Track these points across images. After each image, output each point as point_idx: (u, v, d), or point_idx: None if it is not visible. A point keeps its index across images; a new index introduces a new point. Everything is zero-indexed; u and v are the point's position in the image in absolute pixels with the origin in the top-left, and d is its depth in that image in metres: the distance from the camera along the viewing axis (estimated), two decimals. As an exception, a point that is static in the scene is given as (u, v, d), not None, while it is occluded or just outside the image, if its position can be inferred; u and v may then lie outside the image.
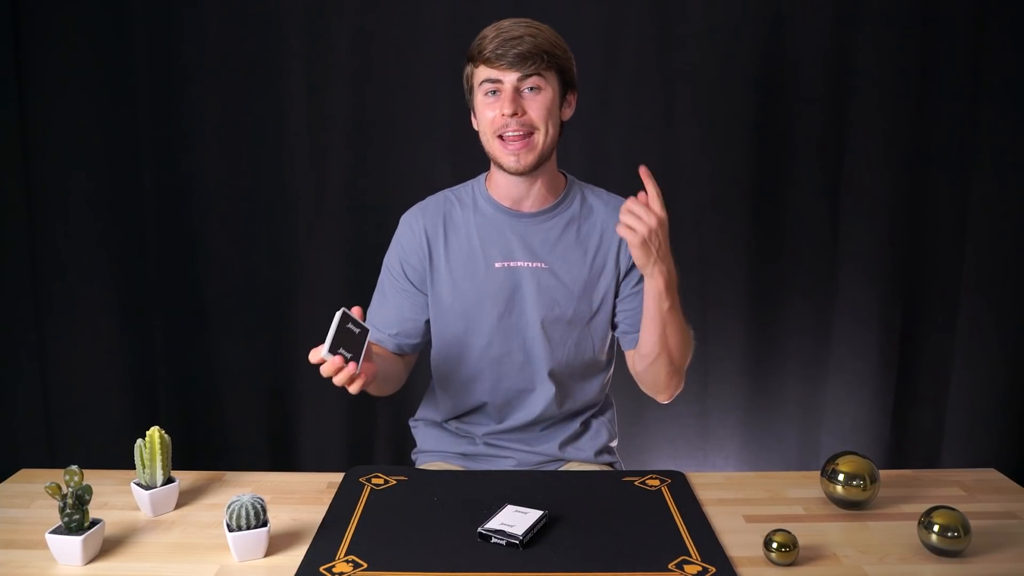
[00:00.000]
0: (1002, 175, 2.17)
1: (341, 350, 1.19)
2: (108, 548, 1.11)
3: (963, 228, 2.20)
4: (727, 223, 2.21)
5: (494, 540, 1.09)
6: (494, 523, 1.12)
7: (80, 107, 2.09)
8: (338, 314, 1.19)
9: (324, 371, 1.20)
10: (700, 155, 2.18)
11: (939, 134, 2.16)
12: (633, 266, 1.41)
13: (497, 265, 1.41)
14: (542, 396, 1.45)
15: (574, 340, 1.43)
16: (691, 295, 2.21)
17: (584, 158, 2.14)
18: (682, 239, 2.19)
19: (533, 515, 1.13)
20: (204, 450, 2.20)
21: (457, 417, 1.52)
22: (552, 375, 1.43)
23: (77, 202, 2.13)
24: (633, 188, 1.56)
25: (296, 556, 1.08)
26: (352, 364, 1.19)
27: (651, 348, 1.37)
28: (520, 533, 1.08)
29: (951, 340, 2.24)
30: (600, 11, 2.12)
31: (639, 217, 1.25)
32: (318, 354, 1.18)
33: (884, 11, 2.11)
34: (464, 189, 1.49)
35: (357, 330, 1.22)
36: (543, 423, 1.48)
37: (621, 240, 1.41)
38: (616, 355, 1.56)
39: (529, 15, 1.44)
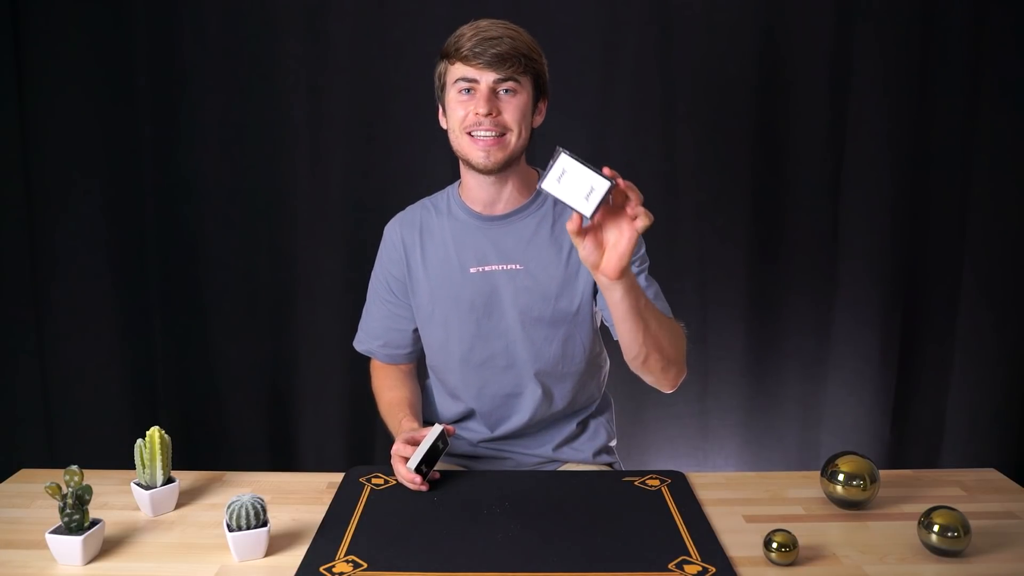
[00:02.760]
0: (1002, 175, 2.17)
1: (423, 465, 1.25)
2: (108, 548, 1.11)
3: (963, 228, 2.20)
4: (727, 223, 2.21)
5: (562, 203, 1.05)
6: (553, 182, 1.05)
7: (80, 107, 2.09)
8: (437, 430, 1.27)
9: (401, 478, 1.27)
10: (700, 155, 2.18)
11: (939, 134, 2.16)
12: None
13: (472, 270, 1.40)
14: (530, 399, 1.44)
15: (560, 339, 1.41)
16: (691, 295, 2.22)
17: (583, 158, 2.14)
18: (682, 239, 2.20)
19: (599, 185, 1.05)
20: (204, 450, 2.20)
21: (456, 422, 1.52)
22: (539, 376, 1.42)
23: (77, 202, 2.13)
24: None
25: (296, 556, 1.08)
26: (421, 479, 1.25)
27: (638, 348, 1.26)
28: (588, 213, 1.04)
29: (951, 340, 2.24)
30: (600, 11, 2.11)
31: (645, 214, 1.09)
32: (406, 462, 1.25)
33: (884, 11, 2.11)
34: (440, 196, 1.49)
35: (441, 446, 1.29)
36: (537, 426, 1.48)
37: None
38: (613, 352, 1.56)
39: (529, 15, 1.44)
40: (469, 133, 1.32)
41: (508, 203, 1.41)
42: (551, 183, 1.06)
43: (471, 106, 1.31)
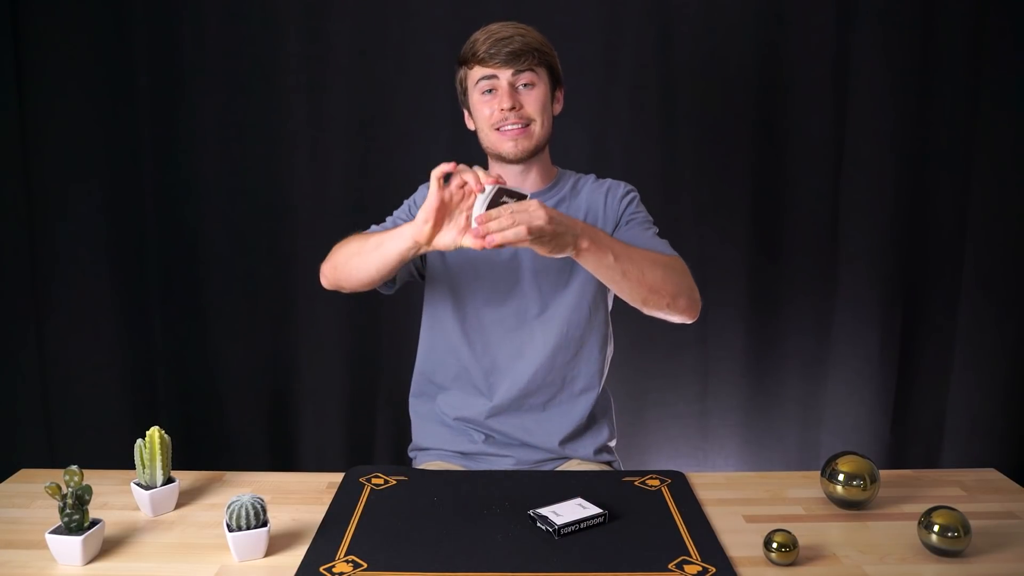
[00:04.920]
0: (1002, 175, 2.17)
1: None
2: (108, 548, 1.11)
3: (963, 228, 2.20)
4: (727, 223, 2.21)
5: (538, 524, 1.14)
6: (545, 509, 1.15)
7: (80, 107, 2.09)
8: (493, 190, 1.14)
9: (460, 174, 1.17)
10: (700, 155, 2.18)
11: (939, 134, 2.16)
12: (620, 218, 1.48)
13: None
14: (531, 363, 1.47)
15: (571, 304, 1.47)
16: (691, 295, 2.21)
17: (584, 158, 2.15)
18: (682, 239, 2.20)
19: (589, 511, 1.16)
20: (204, 450, 2.20)
21: (446, 390, 1.53)
22: (544, 343, 1.47)
23: (77, 202, 2.13)
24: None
25: (296, 556, 1.08)
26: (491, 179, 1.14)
27: (634, 299, 1.30)
28: (558, 524, 1.11)
29: (951, 340, 2.24)
30: (600, 11, 2.12)
31: (522, 224, 1.11)
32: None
33: (884, 11, 2.11)
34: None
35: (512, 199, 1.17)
36: (538, 395, 1.49)
37: (606, 209, 1.49)
38: (615, 350, 1.57)
39: (529, 15, 1.46)
40: (497, 129, 1.41)
41: (531, 186, 1.50)
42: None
43: (495, 103, 1.40)
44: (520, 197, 1.17)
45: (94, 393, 2.18)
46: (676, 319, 1.35)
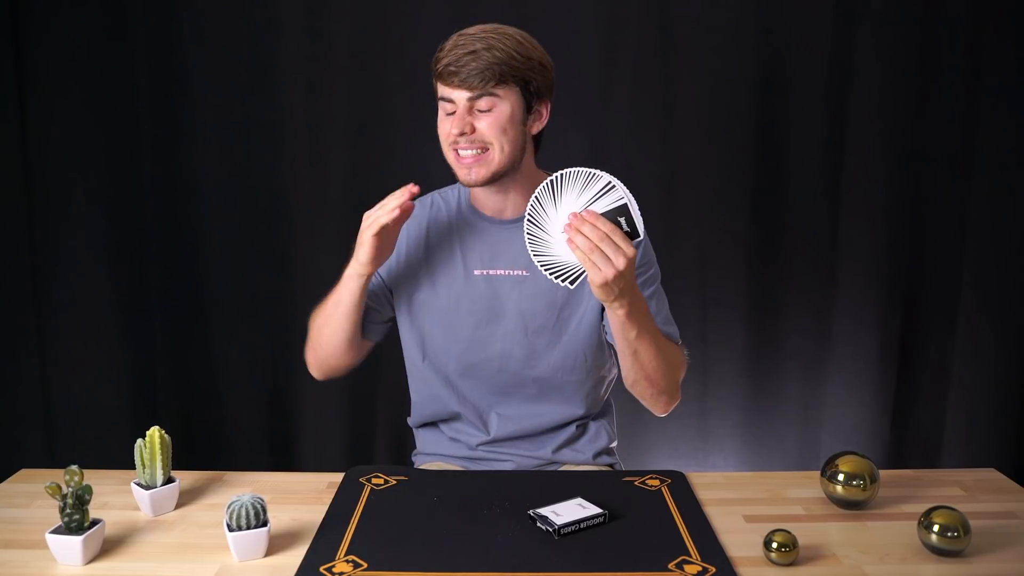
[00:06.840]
0: (1002, 175, 2.18)
1: None
2: (108, 548, 1.11)
3: (963, 228, 2.20)
4: (727, 223, 2.21)
5: (538, 524, 1.13)
6: (545, 509, 1.15)
7: (80, 107, 2.09)
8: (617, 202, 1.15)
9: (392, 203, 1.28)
10: (700, 155, 2.19)
11: (939, 134, 2.17)
12: None
13: (476, 273, 1.39)
14: (522, 406, 1.43)
15: (561, 348, 1.40)
16: (691, 295, 2.21)
17: (584, 158, 2.13)
18: (682, 239, 2.20)
19: (589, 510, 1.15)
20: (204, 450, 2.20)
21: (444, 421, 1.50)
22: (535, 383, 1.41)
23: (77, 202, 2.13)
24: (632, 189, 1.57)
25: (296, 556, 1.08)
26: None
27: (627, 374, 1.34)
28: (558, 524, 1.11)
29: (951, 340, 2.24)
30: (600, 11, 2.12)
31: (608, 257, 1.13)
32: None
33: (884, 11, 2.11)
34: (451, 192, 1.48)
35: None
36: (533, 430, 1.46)
37: None
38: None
39: (529, 15, 1.44)
40: (455, 150, 1.32)
41: (516, 209, 1.39)
42: None
43: (447, 125, 1.30)
44: (633, 232, 1.15)
45: (94, 393, 2.18)
46: (648, 406, 1.41)
